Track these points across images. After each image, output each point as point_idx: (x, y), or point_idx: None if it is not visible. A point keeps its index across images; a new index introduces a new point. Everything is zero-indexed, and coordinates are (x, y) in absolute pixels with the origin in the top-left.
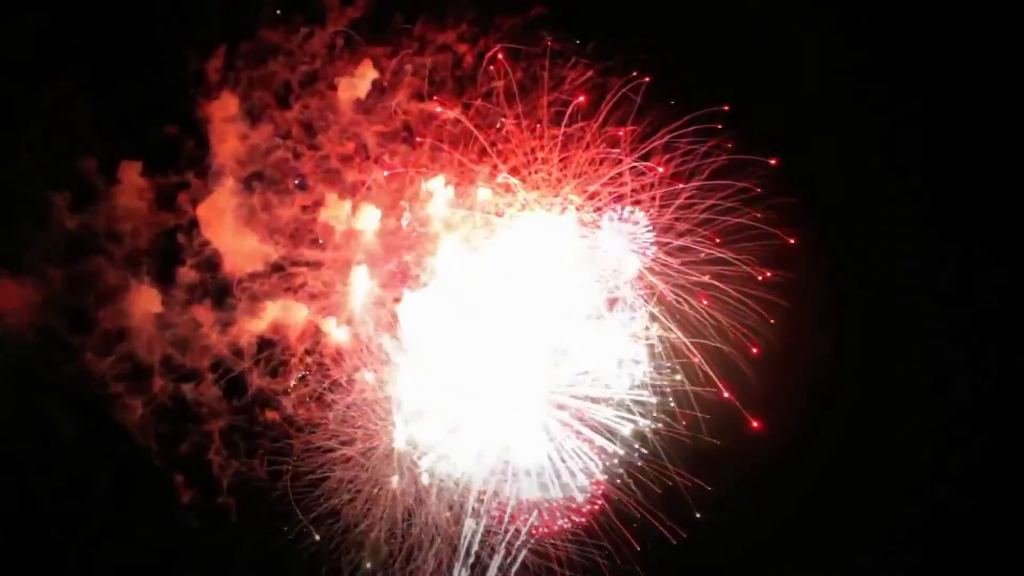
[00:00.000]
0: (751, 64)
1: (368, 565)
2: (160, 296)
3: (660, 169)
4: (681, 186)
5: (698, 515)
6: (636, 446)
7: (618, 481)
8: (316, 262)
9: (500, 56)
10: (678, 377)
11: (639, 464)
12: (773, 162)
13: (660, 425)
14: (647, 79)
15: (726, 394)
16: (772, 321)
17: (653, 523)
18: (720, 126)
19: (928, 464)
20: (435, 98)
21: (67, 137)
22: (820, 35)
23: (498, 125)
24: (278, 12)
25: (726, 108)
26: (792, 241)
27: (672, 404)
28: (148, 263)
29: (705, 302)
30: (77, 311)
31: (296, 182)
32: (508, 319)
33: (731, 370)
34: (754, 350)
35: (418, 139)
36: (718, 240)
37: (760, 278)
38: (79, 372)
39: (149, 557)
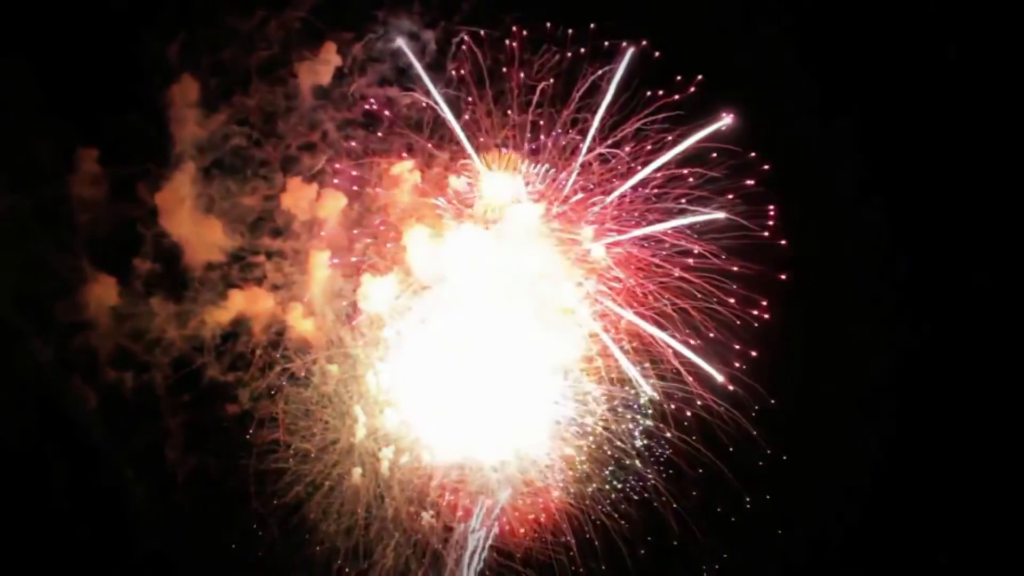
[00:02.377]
0: (723, 51)
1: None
2: (117, 287)
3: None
4: (650, 174)
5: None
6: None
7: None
8: (278, 251)
9: (466, 40)
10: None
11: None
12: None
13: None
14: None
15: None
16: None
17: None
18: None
19: None
20: (398, 84)
21: (20, 123)
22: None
23: (464, 111)
24: None
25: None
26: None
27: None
28: (105, 253)
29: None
30: (32, 301)
31: (256, 170)
32: (476, 309)
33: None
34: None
35: (382, 125)
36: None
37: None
38: (34, 362)
39: (102, 551)
